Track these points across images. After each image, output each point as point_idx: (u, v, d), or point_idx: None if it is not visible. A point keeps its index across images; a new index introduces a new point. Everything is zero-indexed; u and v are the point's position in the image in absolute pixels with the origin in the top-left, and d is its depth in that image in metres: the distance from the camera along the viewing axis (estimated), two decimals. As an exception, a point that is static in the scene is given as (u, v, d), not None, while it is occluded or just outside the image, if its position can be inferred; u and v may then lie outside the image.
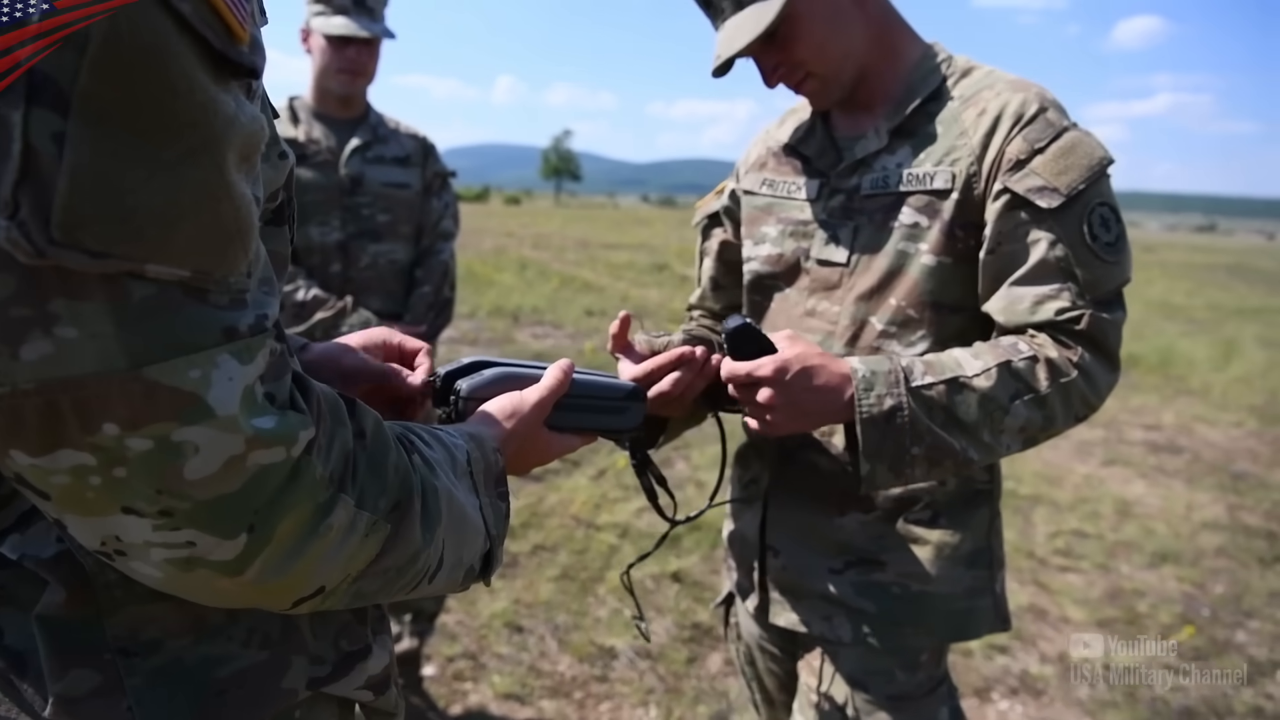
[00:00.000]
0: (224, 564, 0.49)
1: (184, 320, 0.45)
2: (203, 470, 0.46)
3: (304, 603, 0.55)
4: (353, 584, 0.57)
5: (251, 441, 0.47)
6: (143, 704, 0.58)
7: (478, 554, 0.69)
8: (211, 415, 0.46)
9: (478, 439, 0.72)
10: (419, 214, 2.54)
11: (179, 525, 0.47)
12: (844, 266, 1.26)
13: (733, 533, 1.47)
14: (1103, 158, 1.13)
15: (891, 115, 1.24)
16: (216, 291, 0.46)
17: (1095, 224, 1.11)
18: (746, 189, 1.43)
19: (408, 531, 0.58)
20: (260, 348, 0.49)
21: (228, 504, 0.47)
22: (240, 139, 0.47)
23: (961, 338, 1.20)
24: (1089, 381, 1.12)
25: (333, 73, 2.38)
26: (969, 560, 1.27)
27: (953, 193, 1.16)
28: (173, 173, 0.43)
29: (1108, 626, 3.18)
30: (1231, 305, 14.67)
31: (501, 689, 2.57)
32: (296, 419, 0.50)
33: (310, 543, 0.52)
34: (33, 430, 0.44)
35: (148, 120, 0.42)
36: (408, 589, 0.62)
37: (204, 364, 0.45)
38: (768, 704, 1.58)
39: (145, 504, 0.46)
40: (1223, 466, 5.22)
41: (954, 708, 1.33)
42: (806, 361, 1.08)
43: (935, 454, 1.10)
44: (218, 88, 0.45)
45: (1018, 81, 1.19)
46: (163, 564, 0.48)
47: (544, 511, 3.88)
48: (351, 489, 0.54)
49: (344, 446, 0.54)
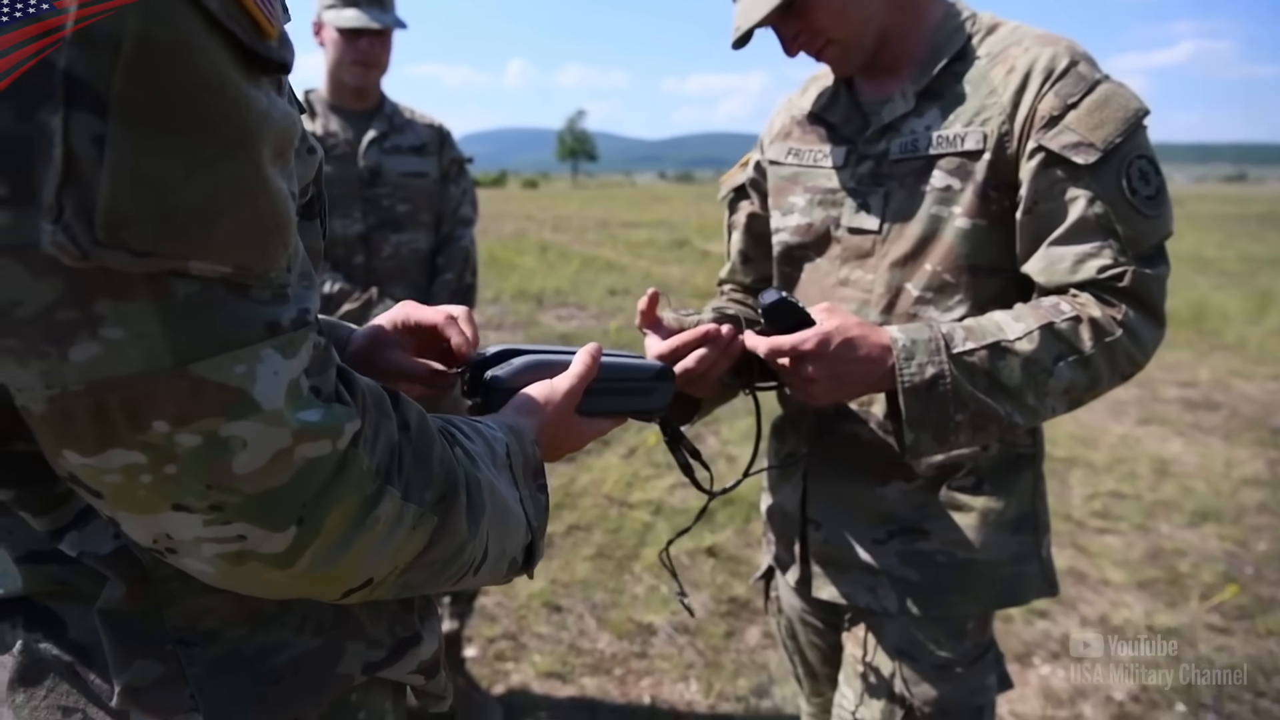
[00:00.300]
0: (275, 556, 0.50)
1: (227, 316, 0.45)
2: (251, 464, 0.46)
3: (353, 593, 0.56)
4: (400, 575, 0.57)
5: (298, 435, 0.48)
6: (204, 692, 0.59)
7: (520, 546, 0.70)
8: (258, 409, 0.46)
9: (516, 431, 0.72)
10: (438, 202, 2.54)
11: (229, 519, 0.47)
12: (876, 234, 1.24)
13: (771, 506, 1.47)
14: (1138, 109, 1.10)
15: (917, 77, 1.21)
16: (258, 287, 0.47)
17: (1134, 177, 1.09)
18: (772, 159, 1.42)
19: (454, 524, 0.59)
20: (303, 341, 0.49)
21: (277, 497, 0.48)
22: (274, 134, 0.47)
23: (1000, 300, 1.18)
24: (1134, 339, 1.10)
25: (346, 65, 2.38)
26: (1014, 525, 1.25)
27: (985, 153, 1.14)
28: (211, 169, 0.44)
29: (1149, 588, 3.15)
30: (1265, 256, 14.37)
31: (543, 668, 2.60)
32: (342, 411, 0.50)
33: (358, 534, 0.52)
34: (84, 431, 0.44)
35: (183, 118, 0.43)
36: (453, 580, 0.63)
37: (249, 359, 0.46)
38: (810, 677, 1.58)
39: (195, 500, 0.46)
40: (1261, 421, 5.14)
41: (1002, 674, 1.33)
42: (847, 333, 1.07)
43: (979, 420, 1.08)
44: (249, 84, 0.46)
45: (1045, 36, 1.17)
46: (214, 559, 0.49)
47: (577, 491, 3.90)
48: (398, 481, 0.54)
49: (389, 439, 0.54)
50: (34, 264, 0.41)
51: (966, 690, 1.27)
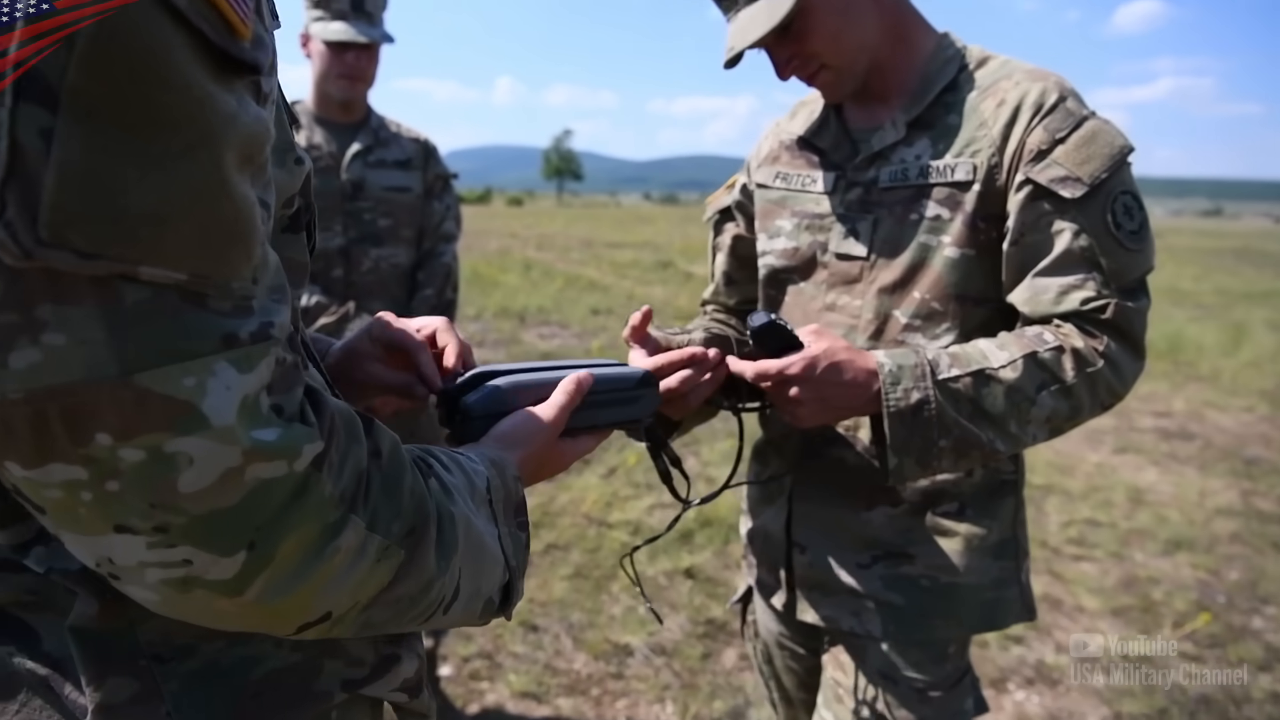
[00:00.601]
0: (222, 583, 0.47)
1: (180, 326, 0.43)
2: (197, 483, 0.44)
3: (309, 628, 0.53)
4: (363, 612, 0.55)
5: (249, 454, 0.45)
6: (181, 708, 0.58)
7: (496, 585, 0.68)
8: (206, 425, 0.43)
9: (498, 465, 0.70)
10: (420, 217, 2.54)
11: (174, 542, 0.45)
12: (864, 260, 1.25)
13: (753, 529, 1.47)
14: (1124, 146, 1.12)
15: (909, 107, 1.23)
16: (217, 297, 0.44)
17: (1119, 212, 1.11)
18: (760, 182, 1.43)
19: (422, 559, 0.56)
20: (262, 356, 0.46)
21: (225, 519, 0.45)
22: (240, 138, 0.45)
23: (987, 329, 1.20)
24: (1115, 371, 1.12)
25: (333, 78, 2.38)
26: (996, 551, 1.27)
27: (974, 184, 1.16)
28: (166, 170, 0.42)
29: (1122, 615, 3.17)
30: (1240, 290, 14.60)
31: (518, 688, 2.58)
32: (302, 432, 0.48)
33: (316, 564, 0.49)
34: (24, 442, 0.42)
35: (139, 116, 0.41)
36: (421, 619, 0.60)
37: (199, 372, 0.43)
38: (785, 702, 1.58)
39: (139, 520, 0.44)
40: (1235, 452, 5.20)
41: (978, 698, 1.33)
42: (834, 356, 1.08)
43: (962, 446, 1.10)
44: (217, 85, 0.44)
45: (1035, 71, 1.19)
46: (159, 585, 0.47)
47: (556, 510, 3.88)
48: (363, 510, 0.52)
49: (357, 465, 0.52)
50: None
51: (945, 714, 1.27)
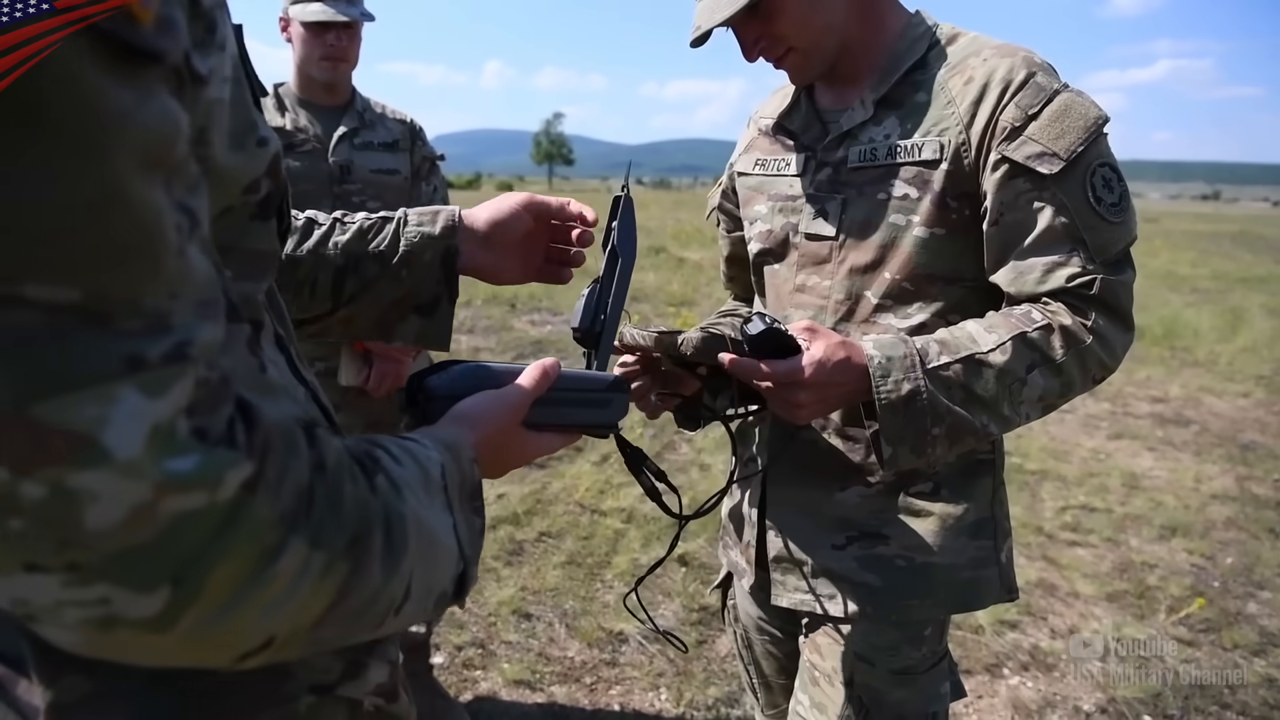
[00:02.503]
0: (146, 621, 0.43)
1: (75, 350, 0.38)
2: (104, 520, 0.40)
3: (251, 657, 0.49)
4: (310, 631, 0.51)
5: (161, 487, 0.41)
6: (138, 709, 0.56)
7: (450, 577, 0.63)
8: (109, 459, 0.39)
9: (453, 448, 0.67)
10: (409, 199, 2.51)
11: (89, 580, 0.41)
12: (833, 240, 1.25)
13: (732, 508, 1.46)
14: (1098, 117, 1.11)
15: (876, 86, 1.22)
16: (124, 315, 0.40)
17: (1098, 185, 1.10)
18: (740, 171, 1.43)
19: (367, 569, 0.52)
20: (176, 379, 0.42)
21: (141, 556, 0.41)
22: (140, 137, 0.40)
23: (960, 308, 1.19)
24: (1104, 345, 1.11)
25: (314, 60, 2.34)
26: (973, 531, 1.25)
27: (942, 163, 1.15)
28: (45, 177, 0.37)
29: (1117, 600, 3.17)
30: (1237, 274, 14.59)
31: (512, 676, 2.57)
32: (225, 457, 0.43)
33: (252, 591, 0.45)
34: None
35: (12, 114, 0.36)
36: (373, 627, 0.56)
37: (100, 400, 0.39)
38: (765, 688, 1.57)
39: (49, 558, 0.40)
40: (1231, 437, 5.20)
41: (955, 682, 1.33)
42: (834, 357, 1.07)
43: (955, 432, 1.09)
44: (109, 78, 0.39)
45: (1003, 47, 1.17)
46: (79, 625, 0.43)
47: (548, 498, 3.87)
48: (305, 528, 0.48)
49: (298, 481, 0.48)
50: None
51: (922, 697, 1.27)
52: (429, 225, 0.99)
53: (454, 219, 0.99)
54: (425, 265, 0.98)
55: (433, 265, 0.98)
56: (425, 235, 0.98)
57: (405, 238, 0.98)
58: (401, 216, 0.99)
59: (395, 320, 1.01)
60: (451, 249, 0.98)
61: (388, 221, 0.99)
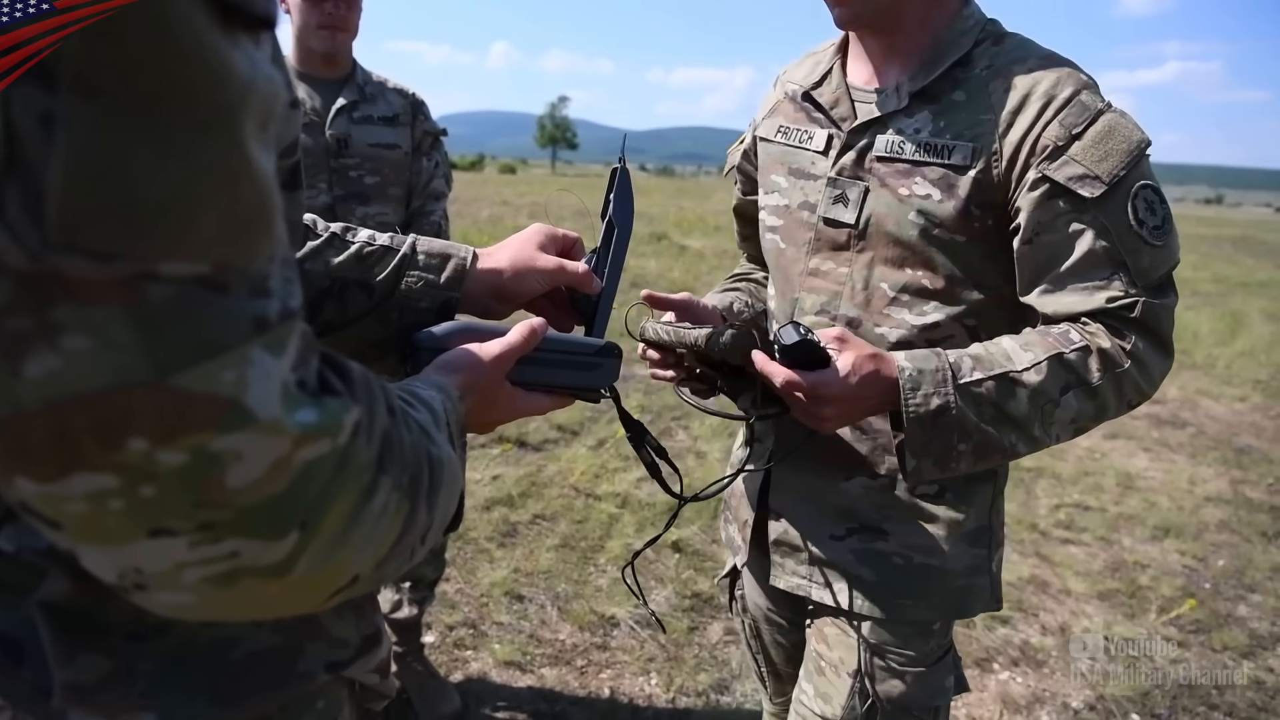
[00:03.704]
0: (272, 566, 0.44)
1: (211, 318, 0.39)
2: (247, 476, 0.41)
3: (338, 594, 0.51)
4: (377, 568, 0.53)
5: (298, 440, 0.42)
6: (155, 688, 0.56)
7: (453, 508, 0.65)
8: (253, 419, 0.40)
9: (443, 389, 0.68)
10: (409, 175, 2.48)
11: (221, 537, 0.42)
12: (851, 228, 1.21)
13: (735, 487, 1.45)
14: (1141, 140, 1.08)
15: (915, 77, 1.18)
16: (239, 281, 0.40)
17: (1140, 208, 1.07)
18: (762, 136, 1.39)
19: (420, 506, 0.55)
20: (290, 335, 0.43)
21: (276, 505, 0.43)
22: (258, 105, 0.41)
23: (980, 315, 1.17)
24: (1142, 370, 1.09)
25: (312, 29, 2.28)
26: (971, 538, 1.25)
27: (970, 169, 1.12)
28: (185, 154, 0.37)
29: (1109, 599, 3.17)
30: (1237, 278, 14.60)
31: (502, 657, 2.57)
32: (337, 405, 0.45)
33: (353, 530, 0.47)
34: (41, 455, 0.38)
35: (152, 92, 0.36)
36: (408, 562, 0.59)
37: (238, 363, 0.40)
38: (774, 677, 1.57)
39: (180, 521, 0.41)
40: (1226, 441, 5.21)
41: (959, 676, 1.33)
42: (862, 370, 1.06)
43: (982, 449, 1.08)
44: (230, 45, 0.39)
45: (1051, 57, 1.14)
46: (196, 584, 0.43)
47: (543, 481, 3.86)
48: (390, 468, 0.50)
49: (383, 424, 0.50)
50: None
51: (927, 691, 1.26)
52: (434, 272, 0.89)
53: (463, 267, 0.90)
54: (419, 312, 0.89)
55: (428, 314, 0.89)
56: (428, 283, 0.89)
57: (406, 280, 0.89)
58: (407, 252, 0.90)
59: (370, 359, 0.88)
60: (452, 301, 0.90)
61: (390, 252, 0.89)
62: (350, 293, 0.87)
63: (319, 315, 0.87)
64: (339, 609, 0.66)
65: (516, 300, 0.93)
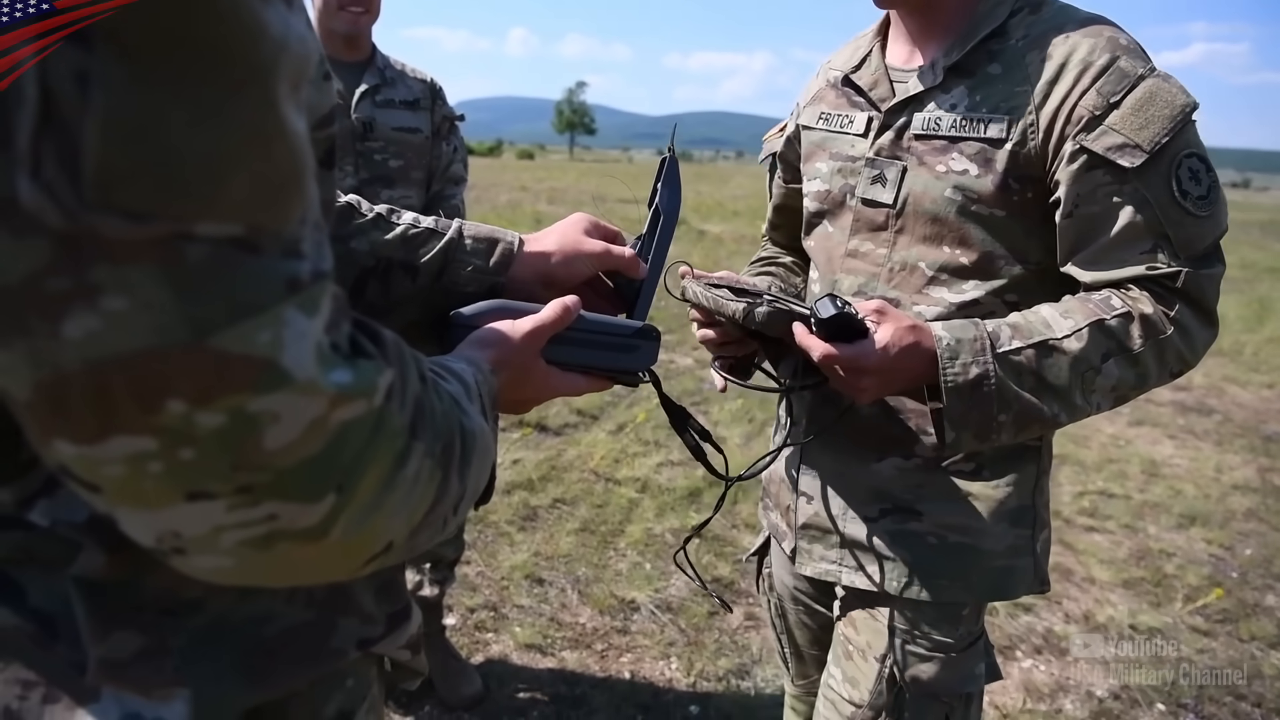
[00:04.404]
0: (308, 530, 0.44)
1: (245, 278, 0.39)
2: (284, 438, 0.41)
3: (373, 560, 0.51)
4: (411, 537, 0.53)
5: (334, 400, 0.42)
6: (189, 664, 0.55)
7: (484, 480, 0.65)
8: (289, 380, 0.40)
9: (474, 363, 0.68)
10: (429, 159, 2.49)
11: (259, 499, 0.42)
12: (890, 208, 1.20)
13: (772, 472, 1.44)
14: (1185, 104, 1.05)
15: (949, 51, 1.16)
16: (271, 242, 0.40)
17: (1184, 178, 1.04)
18: (804, 124, 1.38)
19: (452, 474, 0.54)
20: (323, 296, 0.43)
21: (313, 467, 0.43)
22: (291, 64, 0.40)
23: (1021, 289, 1.15)
24: (1185, 338, 1.07)
25: (334, 11, 2.29)
26: (1012, 517, 1.22)
27: (1007, 143, 1.10)
28: (219, 113, 0.37)
29: (1133, 587, 3.14)
30: (1265, 264, 14.36)
31: (523, 639, 2.58)
32: (371, 367, 0.45)
33: (387, 495, 0.47)
34: (81, 417, 0.38)
35: (188, 51, 0.36)
36: (441, 531, 0.59)
37: (273, 324, 0.40)
38: (797, 658, 1.56)
39: (218, 484, 0.41)
40: (1253, 428, 5.14)
41: (991, 664, 1.31)
42: (901, 342, 1.04)
43: (1023, 419, 1.06)
44: (261, 2, 0.39)
45: (1090, 22, 1.11)
46: (234, 548, 0.43)
47: (563, 465, 3.87)
48: (422, 434, 0.50)
49: (415, 391, 0.50)
50: (13, 222, 0.35)
51: (957, 677, 1.25)
52: (482, 257, 0.89)
53: (511, 252, 0.89)
54: (465, 297, 0.87)
55: (474, 299, 0.86)
56: (476, 268, 0.88)
57: (454, 264, 0.88)
58: (454, 236, 0.89)
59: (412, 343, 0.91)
60: (498, 286, 0.89)
61: (435, 235, 0.89)
62: (394, 274, 0.87)
63: (363, 296, 0.86)
64: (366, 584, 0.66)
65: (563, 285, 0.90)
